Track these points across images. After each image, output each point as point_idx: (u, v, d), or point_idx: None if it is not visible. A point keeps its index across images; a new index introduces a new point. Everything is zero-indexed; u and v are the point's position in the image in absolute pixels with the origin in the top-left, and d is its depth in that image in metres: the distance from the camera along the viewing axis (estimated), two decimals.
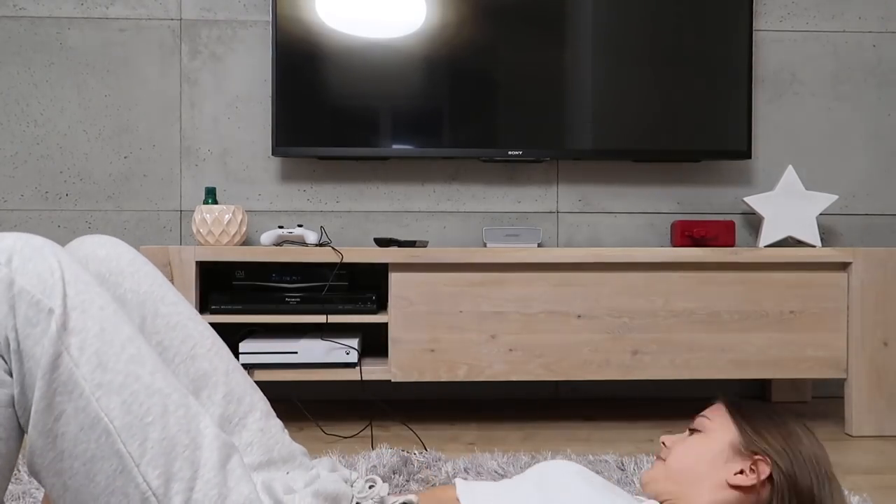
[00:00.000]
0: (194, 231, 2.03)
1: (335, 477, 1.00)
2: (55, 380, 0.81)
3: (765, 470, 0.98)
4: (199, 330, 1.05)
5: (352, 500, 0.98)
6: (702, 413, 1.08)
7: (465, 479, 1.46)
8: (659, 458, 1.08)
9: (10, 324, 0.81)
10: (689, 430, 1.09)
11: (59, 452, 0.82)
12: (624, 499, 0.98)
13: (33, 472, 0.86)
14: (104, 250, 1.03)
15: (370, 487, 1.01)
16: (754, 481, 0.98)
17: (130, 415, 0.82)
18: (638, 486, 1.39)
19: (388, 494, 1.03)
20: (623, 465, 1.61)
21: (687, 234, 2.15)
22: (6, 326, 0.81)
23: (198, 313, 1.07)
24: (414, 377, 1.93)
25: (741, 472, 0.99)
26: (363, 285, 2.08)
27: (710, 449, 1.02)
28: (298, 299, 1.95)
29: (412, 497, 1.02)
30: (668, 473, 1.04)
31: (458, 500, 1.02)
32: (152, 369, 0.85)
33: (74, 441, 0.82)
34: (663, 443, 1.08)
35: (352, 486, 1.01)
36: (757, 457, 0.99)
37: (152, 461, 0.82)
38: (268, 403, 1.09)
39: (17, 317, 0.81)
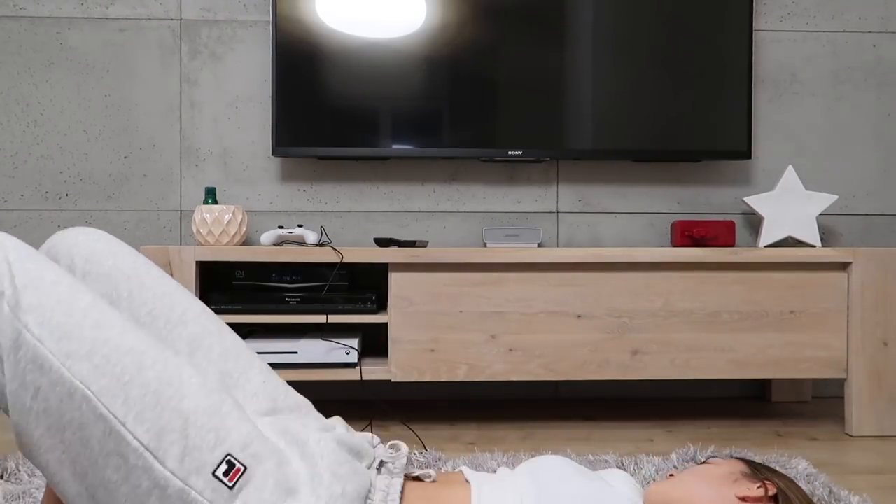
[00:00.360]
0: (194, 231, 2.04)
1: (357, 433, 1.01)
2: (21, 359, 0.82)
3: (772, 489, 1.00)
4: (187, 297, 1.06)
5: (373, 461, 1.00)
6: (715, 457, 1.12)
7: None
8: (669, 475, 1.10)
9: None
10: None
11: (47, 428, 0.83)
12: (614, 492, 1.00)
13: (27, 455, 0.86)
14: (84, 236, 1.05)
15: (395, 451, 1.03)
16: (761, 494, 0.99)
17: (106, 377, 0.83)
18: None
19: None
20: (623, 465, 1.61)
21: (687, 234, 2.15)
22: None
23: (182, 286, 1.08)
24: (414, 377, 1.93)
25: (748, 490, 1.02)
26: (363, 285, 2.08)
27: (720, 471, 1.05)
28: (298, 299, 1.95)
29: (431, 472, 1.04)
30: (677, 487, 1.05)
31: (466, 481, 1.04)
32: (121, 330, 0.86)
33: (59, 413, 0.82)
34: (671, 475, 1.10)
35: (374, 447, 1.03)
36: (765, 480, 1.02)
37: (138, 417, 0.82)
38: (265, 363, 1.10)
39: None
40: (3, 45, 2.26)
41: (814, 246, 2.15)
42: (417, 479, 1.04)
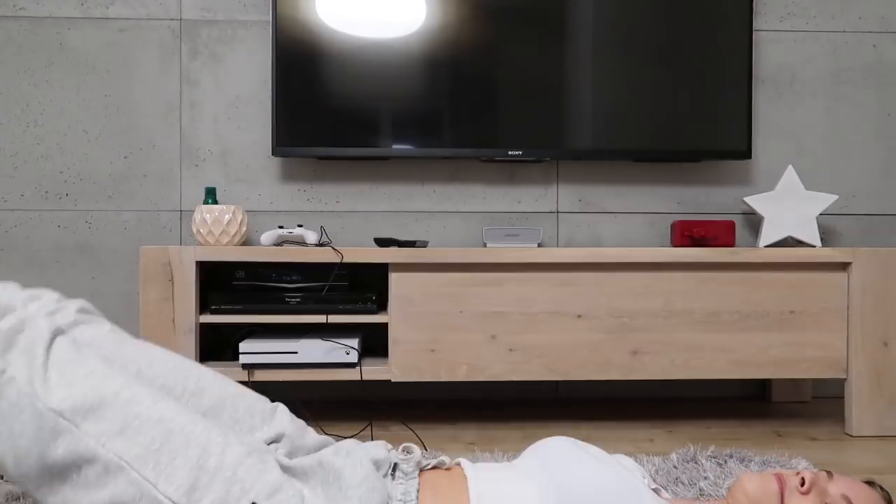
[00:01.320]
0: (194, 231, 2.03)
1: (376, 445, 1.06)
2: (60, 444, 0.90)
3: None
4: (196, 367, 1.13)
5: (389, 466, 1.04)
6: (853, 500, 0.96)
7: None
8: (781, 486, 0.97)
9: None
10: None
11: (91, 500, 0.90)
12: (633, 480, 0.98)
13: None
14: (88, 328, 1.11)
15: (407, 454, 1.06)
16: None
17: (137, 447, 0.90)
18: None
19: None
20: None
21: (687, 234, 2.15)
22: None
23: (186, 359, 1.15)
24: (414, 377, 1.93)
25: None
26: (363, 285, 2.08)
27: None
28: (298, 299, 1.95)
29: (444, 458, 1.06)
30: None
31: (464, 475, 1.04)
32: (150, 402, 0.93)
33: (98, 485, 0.90)
34: (802, 479, 0.97)
35: (389, 452, 1.07)
36: None
37: (169, 478, 0.89)
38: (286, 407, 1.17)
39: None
40: (3, 45, 2.26)
41: (814, 246, 2.15)
42: (434, 468, 1.06)
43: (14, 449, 0.90)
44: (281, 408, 1.14)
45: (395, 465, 1.04)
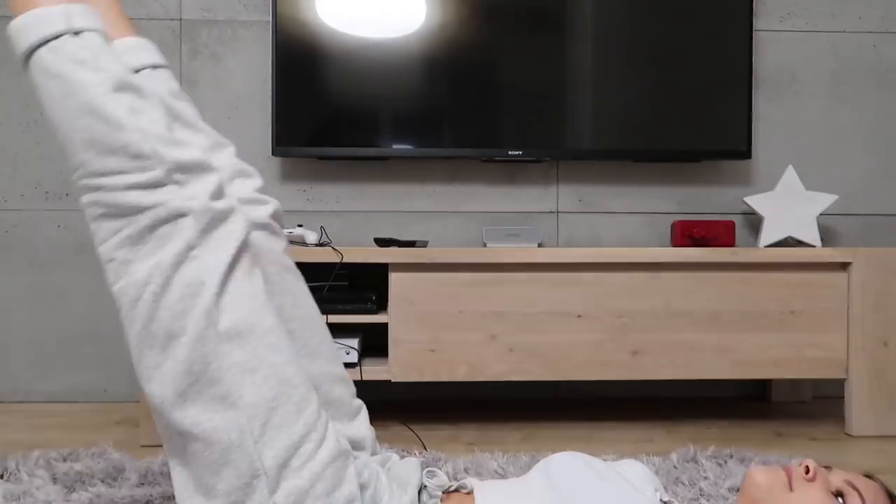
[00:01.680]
0: None
1: (417, 468, 1.06)
2: (197, 348, 0.88)
3: None
4: (326, 331, 1.13)
5: (419, 486, 1.04)
6: (858, 486, 0.98)
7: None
8: (789, 475, 0.99)
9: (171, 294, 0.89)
10: (837, 491, 0.98)
11: (185, 413, 0.90)
12: (633, 492, 0.98)
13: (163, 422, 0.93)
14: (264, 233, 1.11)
15: (432, 476, 1.07)
16: None
17: (258, 396, 0.89)
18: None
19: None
20: None
21: (687, 234, 2.15)
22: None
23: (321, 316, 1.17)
24: (414, 377, 1.93)
25: None
26: (363, 285, 2.08)
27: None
28: None
29: (466, 482, 1.07)
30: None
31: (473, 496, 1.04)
32: (287, 359, 0.93)
33: (204, 407, 0.89)
34: (806, 467, 0.99)
35: (421, 472, 1.08)
36: None
37: (269, 443, 0.89)
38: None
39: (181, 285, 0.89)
40: (3, 46, 2.25)
41: (814, 246, 2.15)
42: (457, 491, 1.06)
43: (172, 315, 0.89)
44: (364, 410, 1.15)
45: (423, 486, 1.05)
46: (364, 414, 1.15)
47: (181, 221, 0.90)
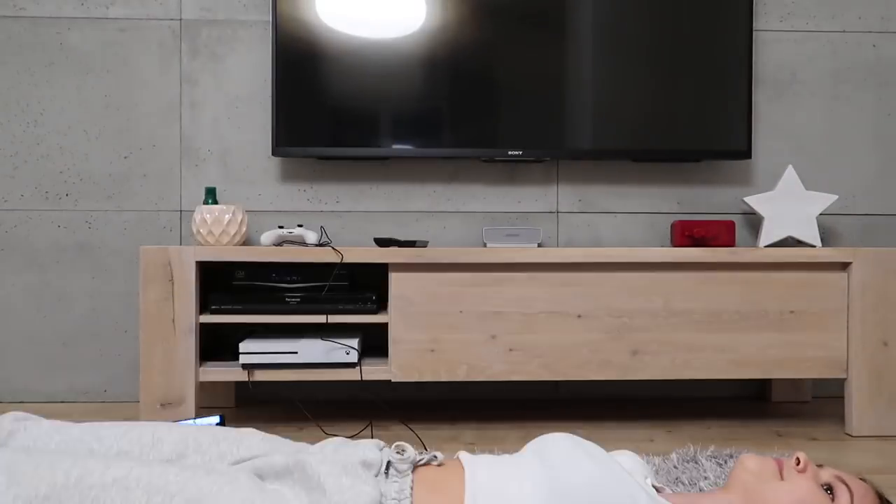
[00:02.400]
0: (194, 231, 2.03)
1: (362, 441, 1.04)
2: None
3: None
4: (149, 423, 1.11)
5: (382, 465, 1.03)
6: (847, 481, 1.02)
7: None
8: (779, 466, 1.03)
9: None
10: (825, 484, 1.02)
11: None
12: (625, 475, 0.98)
13: None
14: (23, 433, 1.08)
15: (400, 453, 1.05)
16: None
17: None
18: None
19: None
20: None
21: (687, 234, 2.15)
22: None
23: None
24: (414, 377, 1.93)
25: None
26: (363, 285, 2.08)
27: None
28: (298, 299, 1.95)
29: (437, 454, 1.06)
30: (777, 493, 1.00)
31: (461, 468, 1.04)
32: (102, 469, 0.91)
33: None
34: (797, 458, 1.03)
35: (380, 450, 1.06)
36: None
37: None
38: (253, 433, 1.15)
39: None
40: (3, 45, 2.26)
41: (814, 246, 2.15)
42: (427, 464, 1.05)
43: None
44: (250, 431, 1.12)
45: (389, 463, 1.04)
46: (251, 432, 1.12)
47: None
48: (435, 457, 1.06)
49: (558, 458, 1.00)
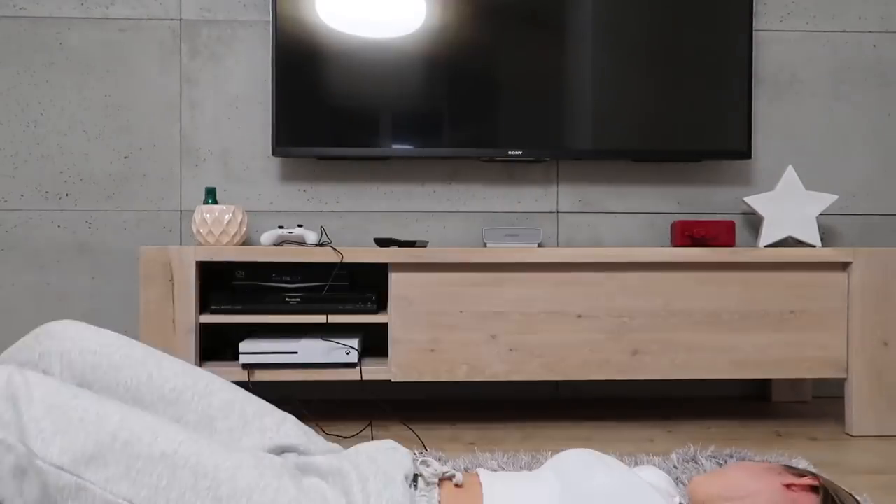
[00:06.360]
0: (194, 231, 2.03)
1: (405, 456, 1.04)
2: (67, 497, 0.86)
3: (816, 481, 1.03)
4: (205, 372, 1.12)
5: (411, 476, 1.03)
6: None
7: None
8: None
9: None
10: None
11: None
12: (641, 483, 0.99)
13: None
14: (74, 329, 1.10)
15: (426, 466, 1.05)
16: (808, 483, 1.03)
17: (146, 487, 0.88)
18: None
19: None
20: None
21: (687, 234, 2.15)
22: None
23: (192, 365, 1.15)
24: (414, 377, 1.93)
25: (794, 480, 1.05)
26: (363, 285, 2.08)
27: (761, 466, 1.07)
28: (298, 299, 1.95)
29: (458, 474, 1.06)
30: (720, 478, 1.07)
31: (480, 483, 1.05)
32: (151, 439, 0.90)
33: None
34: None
35: (412, 461, 1.06)
36: (809, 474, 1.06)
37: None
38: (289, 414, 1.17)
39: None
40: (3, 45, 2.26)
41: (814, 246, 2.15)
42: (449, 479, 1.06)
43: None
44: (290, 418, 1.13)
45: (416, 476, 1.04)
46: (292, 421, 1.13)
47: None
48: (455, 474, 1.06)
49: (574, 469, 1.01)
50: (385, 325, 1.96)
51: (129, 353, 1.08)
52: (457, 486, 1.05)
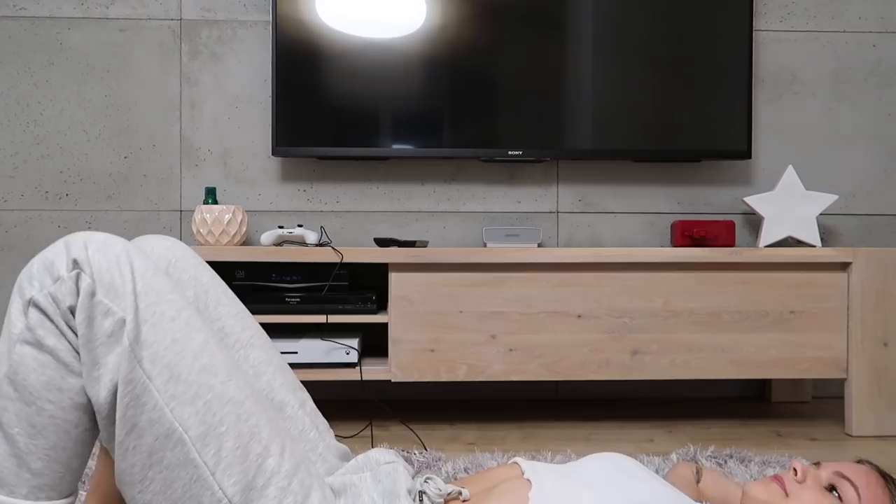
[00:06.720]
0: (194, 231, 2.03)
1: (406, 473, 1.02)
2: (128, 394, 0.83)
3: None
4: (254, 321, 1.09)
5: (416, 494, 1.00)
6: (847, 475, 1.00)
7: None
8: (781, 484, 1.01)
9: (86, 332, 0.83)
10: (829, 486, 1.00)
11: (132, 465, 0.84)
12: (676, 492, 0.99)
13: (118, 484, 0.88)
14: (168, 242, 1.07)
15: (426, 481, 1.03)
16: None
17: (205, 424, 0.84)
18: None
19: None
20: None
21: (687, 234, 2.15)
22: (82, 334, 0.83)
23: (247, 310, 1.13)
24: (414, 377, 1.93)
25: None
26: (363, 285, 2.08)
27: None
28: (298, 299, 1.95)
29: (465, 491, 1.04)
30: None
31: (522, 475, 1.02)
32: (224, 378, 0.87)
33: (149, 451, 0.84)
34: (794, 469, 1.02)
35: (413, 478, 1.04)
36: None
37: (227, 469, 0.84)
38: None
39: (93, 326, 0.83)
40: (3, 45, 2.26)
41: (814, 246, 2.15)
42: (455, 498, 1.03)
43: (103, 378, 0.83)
44: (310, 402, 1.12)
45: (421, 493, 1.01)
46: (312, 407, 1.12)
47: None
48: (461, 491, 1.03)
49: (627, 468, 0.99)
50: (385, 325, 1.96)
51: (197, 274, 1.06)
52: (464, 501, 1.02)
